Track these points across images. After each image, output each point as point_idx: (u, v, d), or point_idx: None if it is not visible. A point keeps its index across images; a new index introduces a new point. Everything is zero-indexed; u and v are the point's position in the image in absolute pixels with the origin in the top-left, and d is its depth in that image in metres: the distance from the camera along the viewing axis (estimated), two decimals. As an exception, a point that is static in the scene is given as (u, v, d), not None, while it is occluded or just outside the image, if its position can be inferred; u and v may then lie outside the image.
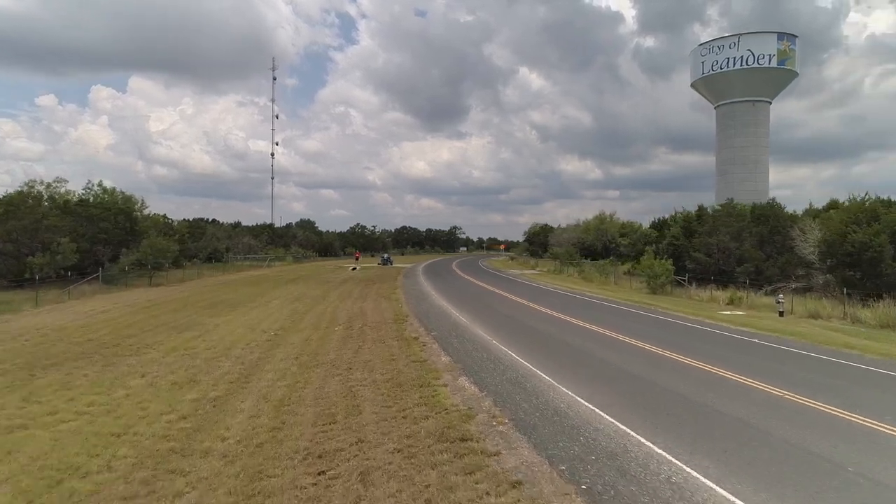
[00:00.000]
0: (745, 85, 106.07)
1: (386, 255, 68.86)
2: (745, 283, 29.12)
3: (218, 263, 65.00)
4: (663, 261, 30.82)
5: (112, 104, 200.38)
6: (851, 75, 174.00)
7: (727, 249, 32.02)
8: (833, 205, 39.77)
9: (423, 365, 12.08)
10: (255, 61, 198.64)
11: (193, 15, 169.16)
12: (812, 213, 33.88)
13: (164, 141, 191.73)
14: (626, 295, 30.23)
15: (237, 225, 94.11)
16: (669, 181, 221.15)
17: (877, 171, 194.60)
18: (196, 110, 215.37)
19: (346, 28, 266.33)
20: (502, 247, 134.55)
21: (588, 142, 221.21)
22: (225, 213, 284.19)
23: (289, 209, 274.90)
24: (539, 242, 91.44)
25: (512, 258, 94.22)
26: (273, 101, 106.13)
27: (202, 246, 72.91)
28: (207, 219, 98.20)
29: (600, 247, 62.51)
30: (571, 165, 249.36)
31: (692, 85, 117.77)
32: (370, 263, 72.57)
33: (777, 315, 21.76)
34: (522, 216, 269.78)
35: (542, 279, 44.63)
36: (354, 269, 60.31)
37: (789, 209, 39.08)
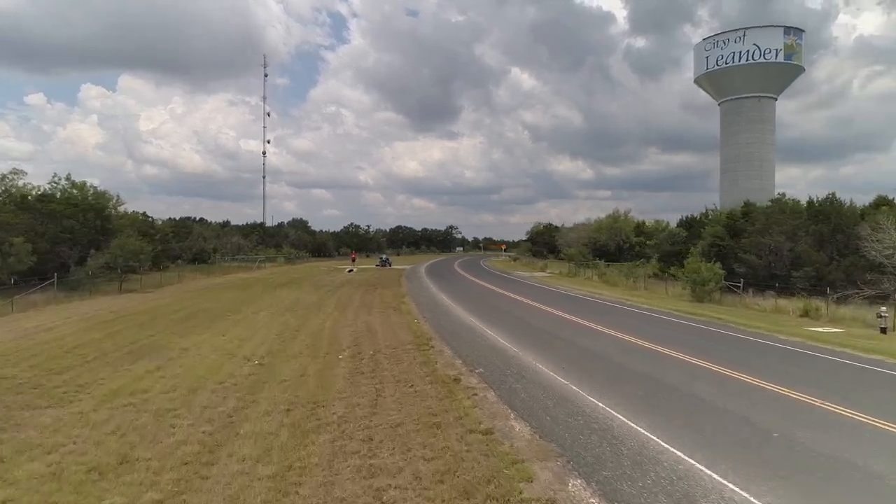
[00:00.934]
0: (750, 80, 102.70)
1: (384, 257, 64.70)
2: (804, 289, 25.28)
3: (204, 265, 60.63)
4: (711, 263, 26.86)
5: (101, 103, 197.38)
6: (840, 77, 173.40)
7: (778, 251, 28.16)
8: (882, 201, 36.06)
9: (489, 442, 7.68)
10: (247, 60, 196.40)
11: (184, 13, 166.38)
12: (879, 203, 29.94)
13: (155, 140, 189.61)
14: (671, 304, 26.26)
15: (226, 224, 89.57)
16: (660, 181, 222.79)
17: (863, 172, 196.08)
18: (186, 109, 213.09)
19: (338, 27, 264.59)
20: (502, 247, 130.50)
21: (579, 142, 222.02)
22: (216, 213, 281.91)
23: (281, 209, 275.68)
24: (543, 242, 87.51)
25: (514, 259, 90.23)
26: (265, 98, 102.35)
27: (188, 246, 68.44)
28: (195, 218, 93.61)
29: (613, 247, 58.63)
30: (563, 165, 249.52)
31: (695, 80, 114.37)
32: (367, 265, 68.31)
33: (879, 332, 17.86)
34: (514, 216, 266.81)
35: (560, 283, 40.65)
36: (351, 270, 56.09)
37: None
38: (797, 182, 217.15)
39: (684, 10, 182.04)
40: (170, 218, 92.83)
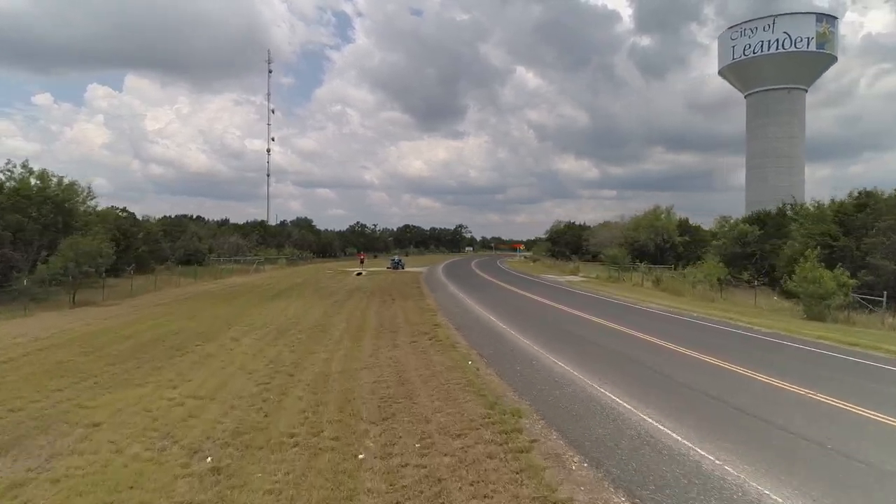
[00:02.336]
0: (779, 70, 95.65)
1: (396, 258, 58.48)
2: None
3: (198, 267, 54.72)
4: (837, 271, 20.47)
5: (108, 103, 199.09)
6: (847, 75, 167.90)
7: (911, 253, 21.80)
8: None
9: None
10: (252, 60, 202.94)
11: (189, 13, 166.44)
12: None
13: (161, 140, 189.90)
14: (783, 323, 19.84)
15: (224, 222, 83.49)
16: (665, 181, 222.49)
17: (871, 170, 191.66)
18: (192, 109, 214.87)
19: (342, 27, 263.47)
20: (520, 246, 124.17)
21: (584, 141, 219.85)
22: (221, 212, 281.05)
23: (286, 208, 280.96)
24: (565, 242, 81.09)
25: (534, 260, 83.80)
26: (268, 94, 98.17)
27: (180, 247, 62.44)
28: (192, 216, 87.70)
29: (652, 247, 52.23)
30: (568, 164, 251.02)
31: (720, 72, 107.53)
32: (376, 266, 62.13)
33: None
34: (519, 216, 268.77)
35: (609, 290, 34.34)
36: (360, 273, 49.93)
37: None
38: (804, 181, 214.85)
39: (690, 9, 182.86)
40: (165, 216, 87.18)
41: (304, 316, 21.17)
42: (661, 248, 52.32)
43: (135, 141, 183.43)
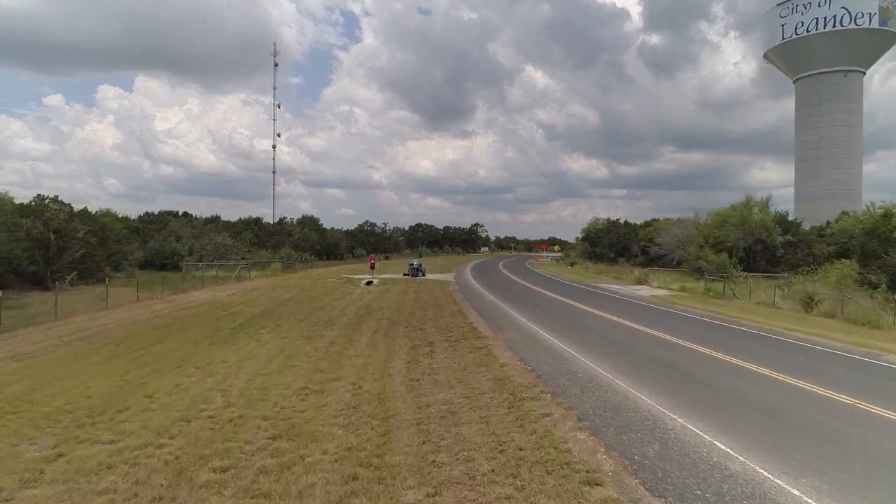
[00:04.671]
0: (835, 51, 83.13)
1: (416, 263, 47.32)
2: None
3: (168, 274, 44.21)
4: None
5: (119, 104, 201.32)
6: None
7: None
8: None
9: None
10: (260, 60, 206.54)
11: (198, 14, 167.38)
12: None
13: (170, 140, 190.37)
14: None
15: (214, 219, 72.73)
16: (676, 180, 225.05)
17: (885, 169, 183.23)
18: (202, 110, 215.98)
19: (350, 26, 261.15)
20: (544, 247, 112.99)
21: (594, 140, 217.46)
22: (231, 212, 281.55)
23: (295, 208, 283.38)
24: (608, 243, 69.58)
25: (571, 264, 72.35)
26: (274, 88, 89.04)
27: (152, 248, 51.83)
28: (178, 212, 77.24)
29: (744, 248, 40.77)
30: (577, 164, 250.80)
31: (765, 55, 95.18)
32: (389, 271, 51.01)
33: None
34: (528, 215, 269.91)
35: (739, 314, 23.10)
36: (370, 282, 39.05)
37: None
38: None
39: (699, 6, 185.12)
40: (147, 212, 76.78)
41: (262, 392, 10.26)
42: (752, 249, 40.88)
43: (145, 141, 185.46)
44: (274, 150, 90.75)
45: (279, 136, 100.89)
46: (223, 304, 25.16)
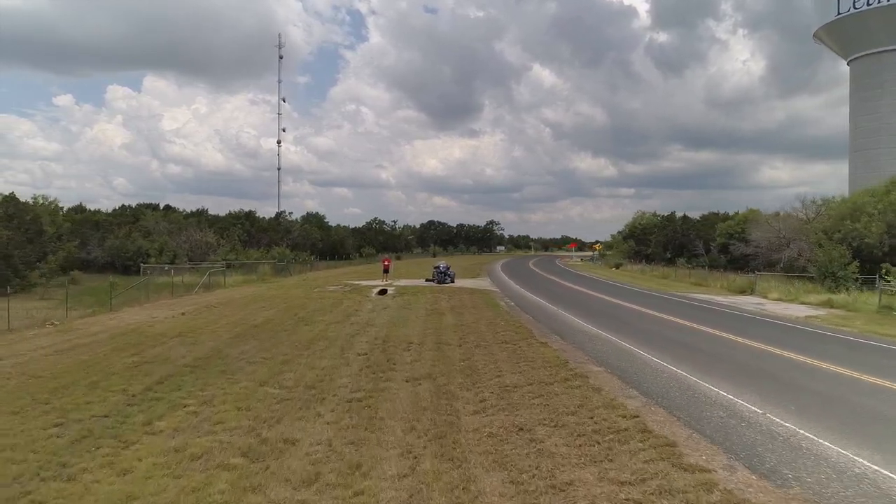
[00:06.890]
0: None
1: (443, 266, 37.06)
2: None
3: (129, 278, 34.65)
4: None
5: (127, 104, 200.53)
6: None
7: None
8: None
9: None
10: (267, 60, 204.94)
11: (205, 14, 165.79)
12: None
13: (178, 139, 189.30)
14: None
15: (199, 213, 62.86)
16: (684, 179, 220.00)
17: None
18: (209, 109, 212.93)
19: (357, 25, 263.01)
20: (574, 245, 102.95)
21: (601, 139, 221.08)
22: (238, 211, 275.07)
23: (302, 207, 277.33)
24: (664, 241, 59.07)
25: (616, 265, 61.94)
26: (279, 81, 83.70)
27: (113, 246, 42.12)
28: (159, 205, 67.66)
29: (885, 246, 30.33)
30: (585, 163, 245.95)
31: (815, 35, 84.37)
32: (407, 276, 40.82)
33: None
34: (536, 214, 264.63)
35: None
36: (384, 291, 29.19)
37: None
38: (827, 179, 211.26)
39: (707, 4, 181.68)
40: (122, 205, 67.33)
41: None
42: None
43: (153, 141, 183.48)
44: (279, 145, 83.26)
45: (284, 130, 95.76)
46: (148, 338, 15.15)
